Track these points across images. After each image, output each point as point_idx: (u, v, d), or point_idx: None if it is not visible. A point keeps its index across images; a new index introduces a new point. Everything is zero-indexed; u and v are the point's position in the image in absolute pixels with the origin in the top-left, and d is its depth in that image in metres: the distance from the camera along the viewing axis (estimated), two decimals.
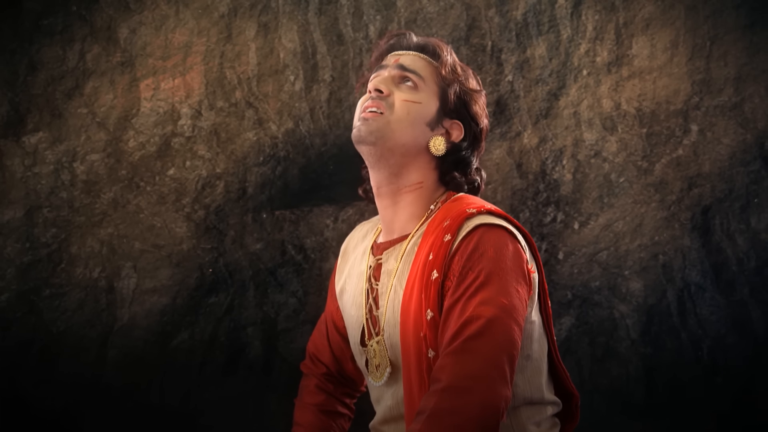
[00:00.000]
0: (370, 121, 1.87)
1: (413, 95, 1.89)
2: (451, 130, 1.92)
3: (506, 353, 1.69)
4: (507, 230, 1.79)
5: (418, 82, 1.90)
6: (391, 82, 1.91)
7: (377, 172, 1.91)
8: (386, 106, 1.88)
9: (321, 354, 2.15)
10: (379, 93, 1.89)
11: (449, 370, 1.68)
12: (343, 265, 2.08)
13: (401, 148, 1.88)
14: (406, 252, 1.88)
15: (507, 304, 1.71)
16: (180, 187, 3.08)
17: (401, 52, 1.95)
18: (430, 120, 1.90)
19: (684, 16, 3.14)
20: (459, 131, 1.93)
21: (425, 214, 1.90)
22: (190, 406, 3.10)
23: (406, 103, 1.88)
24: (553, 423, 1.89)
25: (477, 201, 1.88)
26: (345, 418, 2.15)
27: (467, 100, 1.93)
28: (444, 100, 1.91)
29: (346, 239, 2.12)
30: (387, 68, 1.93)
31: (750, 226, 3.15)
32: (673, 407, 3.16)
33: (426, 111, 1.89)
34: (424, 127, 1.89)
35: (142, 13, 3.05)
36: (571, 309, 3.16)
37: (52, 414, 3.03)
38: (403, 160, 1.89)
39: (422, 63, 1.92)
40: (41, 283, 3.02)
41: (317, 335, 2.18)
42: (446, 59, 1.93)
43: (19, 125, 3.01)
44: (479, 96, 1.96)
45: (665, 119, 3.14)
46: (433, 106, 1.90)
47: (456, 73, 1.93)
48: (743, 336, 3.16)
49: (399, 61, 1.92)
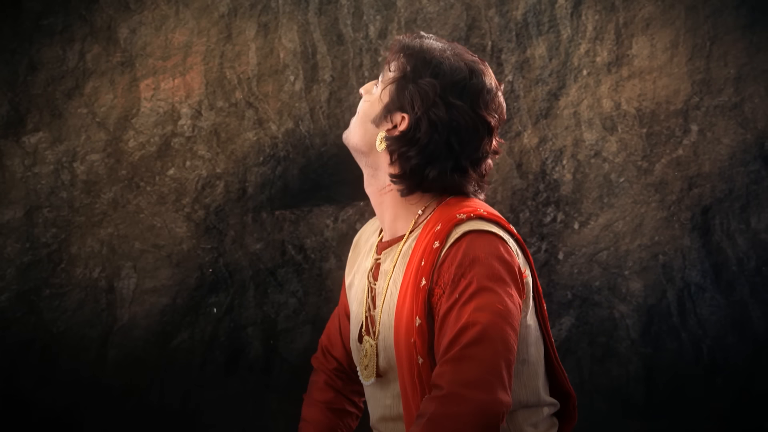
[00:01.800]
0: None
1: (369, 95, 1.89)
2: (400, 124, 1.82)
3: (504, 359, 1.69)
4: (496, 235, 1.78)
5: (381, 82, 1.87)
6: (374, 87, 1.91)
7: (363, 173, 1.92)
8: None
9: (333, 348, 2.14)
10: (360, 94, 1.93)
11: (448, 377, 1.67)
12: (354, 258, 2.08)
13: (355, 147, 1.89)
14: (402, 254, 1.87)
15: (502, 310, 1.71)
16: (180, 187, 3.08)
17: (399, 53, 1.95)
18: (376, 116, 1.84)
19: (684, 16, 3.14)
20: (404, 123, 1.81)
21: (410, 215, 1.88)
22: (190, 406, 3.10)
23: (361, 103, 1.90)
24: (551, 423, 1.89)
25: (471, 204, 1.85)
26: (353, 416, 2.15)
27: (416, 90, 1.79)
28: (391, 92, 1.83)
29: (359, 232, 2.11)
30: None
31: (750, 226, 3.15)
32: (673, 407, 3.16)
33: (373, 107, 1.86)
34: (369, 125, 1.86)
35: (142, 13, 3.05)
36: (571, 309, 3.16)
37: (52, 414, 3.03)
38: (367, 160, 1.88)
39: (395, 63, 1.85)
40: (41, 283, 3.02)
41: (331, 328, 2.17)
42: (395, 52, 1.84)
43: (19, 125, 3.01)
44: (432, 84, 1.79)
45: (665, 119, 3.14)
46: (378, 101, 1.85)
47: (403, 61, 1.82)
48: (743, 336, 3.16)
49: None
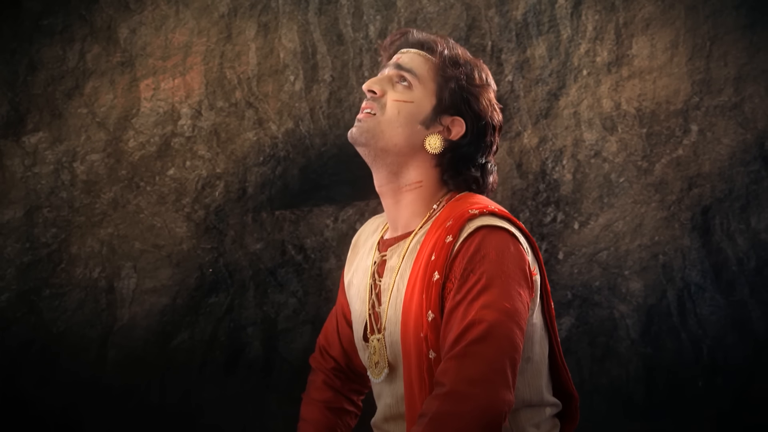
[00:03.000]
0: (362, 122, 1.88)
1: (406, 95, 1.88)
2: (452, 126, 1.89)
3: (508, 357, 1.69)
4: (509, 232, 1.79)
5: (412, 81, 1.88)
6: (388, 81, 1.90)
7: (376, 171, 1.91)
8: (378, 107, 1.88)
9: (331, 347, 2.15)
10: (373, 94, 1.90)
11: (452, 374, 1.68)
12: (353, 257, 2.08)
13: (394, 147, 1.87)
14: (409, 249, 1.88)
15: (509, 308, 1.71)
16: (180, 187, 3.08)
17: (403, 50, 1.93)
18: (425, 118, 1.88)
19: (684, 16, 3.14)
20: (460, 128, 1.89)
21: (428, 212, 1.90)
22: (190, 406, 3.10)
23: (396, 103, 1.87)
24: (553, 424, 1.89)
25: (481, 201, 1.87)
26: (351, 415, 2.15)
27: (468, 94, 1.89)
28: (441, 96, 1.88)
29: (358, 231, 2.12)
30: (387, 68, 1.93)
31: (750, 226, 3.15)
32: (673, 407, 3.16)
33: (419, 110, 1.88)
34: (417, 126, 1.88)
35: (142, 13, 3.05)
36: (571, 309, 3.16)
37: (52, 414, 3.04)
38: (399, 159, 1.88)
39: (420, 60, 1.90)
40: (41, 283, 3.02)
41: (329, 328, 2.17)
42: (444, 53, 1.89)
43: (19, 125, 3.01)
44: (484, 90, 1.91)
45: (665, 119, 3.14)
46: (428, 104, 1.88)
47: (455, 67, 1.89)
48: (743, 336, 3.16)
49: (398, 60, 1.91)
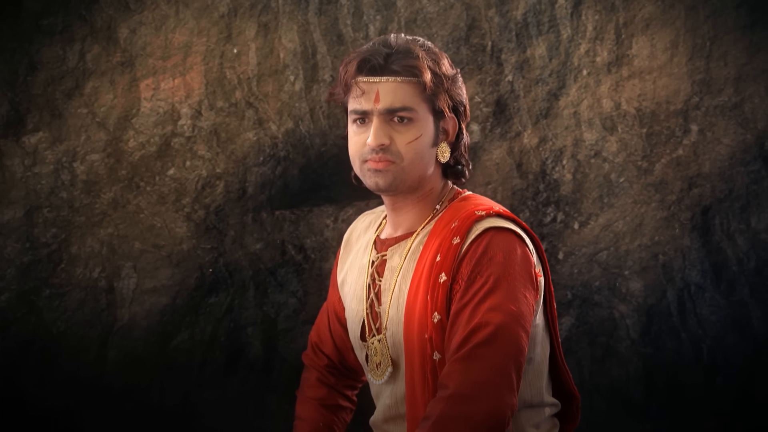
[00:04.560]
0: (384, 172, 1.82)
1: (413, 131, 1.82)
2: (448, 127, 1.88)
3: (514, 361, 1.69)
4: (516, 234, 1.79)
5: (410, 115, 1.82)
6: (387, 127, 1.82)
7: (393, 197, 1.89)
8: (394, 155, 1.82)
9: (323, 344, 2.15)
10: (382, 146, 1.82)
11: (457, 376, 1.68)
12: (346, 255, 2.08)
13: (417, 179, 1.85)
14: (411, 250, 1.87)
15: (515, 311, 1.71)
16: (180, 187, 3.08)
17: (374, 79, 1.83)
18: (433, 139, 1.86)
19: (684, 16, 3.14)
20: (454, 124, 1.89)
21: (431, 212, 1.90)
22: (190, 406, 3.10)
23: (410, 145, 1.82)
24: (553, 424, 1.89)
25: (485, 202, 1.87)
26: (347, 410, 2.15)
27: (452, 91, 1.87)
28: (436, 109, 1.85)
29: (349, 229, 2.11)
30: (372, 114, 1.83)
31: (750, 226, 3.15)
32: (673, 407, 3.16)
33: (428, 137, 1.85)
34: (430, 151, 1.86)
35: (142, 13, 3.05)
36: (571, 309, 3.16)
37: (52, 414, 3.03)
38: (419, 182, 1.87)
39: (405, 89, 1.82)
40: (41, 283, 3.02)
41: (320, 325, 2.17)
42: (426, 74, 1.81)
43: (19, 125, 3.01)
44: (455, 76, 1.88)
45: (665, 119, 3.14)
46: (431, 125, 1.85)
47: (437, 75, 1.83)
48: (743, 336, 3.16)
49: (380, 103, 1.82)
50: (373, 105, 1.82)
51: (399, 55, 1.82)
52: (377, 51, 1.83)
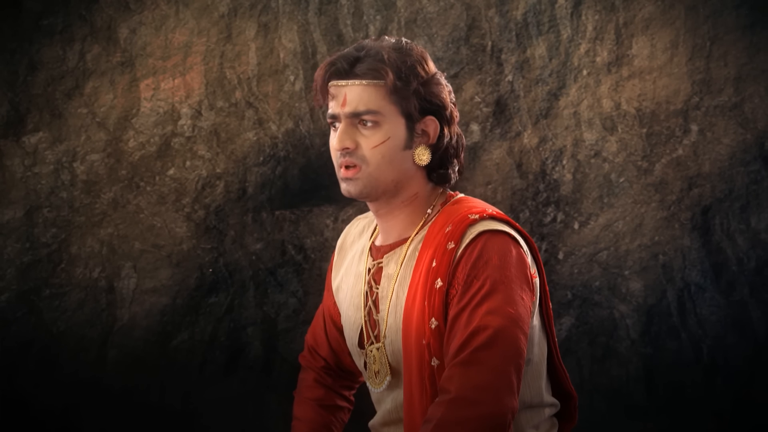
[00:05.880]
0: (352, 179, 1.82)
1: (378, 135, 1.81)
2: (427, 129, 1.84)
3: (513, 363, 1.69)
4: (510, 236, 1.78)
5: (376, 118, 1.80)
6: (354, 131, 1.81)
7: (373, 203, 1.88)
8: (359, 160, 1.81)
9: (319, 347, 2.15)
10: (347, 149, 1.82)
11: (457, 380, 1.67)
12: (340, 261, 2.07)
13: (391, 184, 1.83)
14: (407, 256, 1.87)
15: (513, 314, 1.71)
16: (180, 187, 3.08)
17: (341, 82, 1.82)
18: (404, 142, 1.82)
19: (684, 16, 3.14)
20: (434, 125, 1.84)
21: (422, 218, 1.89)
22: (190, 406, 3.10)
23: (375, 149, 1.80)
24: (552, 424, 1.89)
25: (478, 204, 1.86)
26: (344, 410, 2.15)
27: (428, 92, 1.83)
28: (407, 112, 1.82)
29: (343, 234, 2.11)
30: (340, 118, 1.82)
31: (750, 226, 3.16)
32: (673, 407, 3.16)
33: (397, 140, 1.82)
34: (402, 153, 1.83)
35: (142, 13, 3.05)
36: (571, 309, 3.16)
37: (52, 414, 3.04)
38: (396, 187, 1.85)
39: (370, 91, 1.80)
40: (41, 283, 3.02)
41: (316, 328, 2.17)
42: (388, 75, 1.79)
43: (19, 125, 3.02)
44: (435, 77, 1.84)
45: (665, 119, 3.14)
46: (401, 127, 1.82)
47: (406, 77, 1.80)
48: (743, 336, 3.16)
49: (347, 103, 1.81)
50: (340, 109, 1.82)
51: (367, 59, 1.81)
52: (347, 55, 1.83)
